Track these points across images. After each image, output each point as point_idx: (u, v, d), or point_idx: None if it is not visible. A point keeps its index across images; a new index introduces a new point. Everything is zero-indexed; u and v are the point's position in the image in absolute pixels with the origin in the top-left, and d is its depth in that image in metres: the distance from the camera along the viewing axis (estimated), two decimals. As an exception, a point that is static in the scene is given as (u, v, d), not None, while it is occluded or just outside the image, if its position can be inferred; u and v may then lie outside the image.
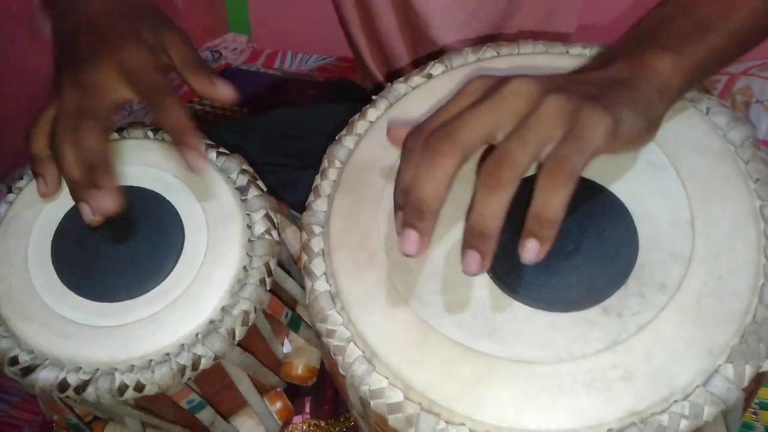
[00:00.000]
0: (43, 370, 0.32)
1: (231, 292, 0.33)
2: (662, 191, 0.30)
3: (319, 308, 0.31)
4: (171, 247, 0.34)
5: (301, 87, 1.07)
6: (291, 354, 0.41)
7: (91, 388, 0.31)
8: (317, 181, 0.35)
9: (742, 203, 0.29)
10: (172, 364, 0.31)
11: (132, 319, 0.33)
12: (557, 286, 0.28)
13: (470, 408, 0.26)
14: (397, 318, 0.29)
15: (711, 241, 0.29)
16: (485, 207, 0.25)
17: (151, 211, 0.36)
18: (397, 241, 0.27)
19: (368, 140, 0.36)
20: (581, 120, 0.25)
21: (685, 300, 0.27)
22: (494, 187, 0.25)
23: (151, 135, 0.39)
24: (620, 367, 0.26)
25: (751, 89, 0.78)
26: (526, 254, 0.26)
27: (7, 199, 0.38)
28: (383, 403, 0.28)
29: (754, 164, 0.30)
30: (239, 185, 0.37)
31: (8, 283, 0.34)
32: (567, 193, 0.25)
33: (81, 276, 0.34)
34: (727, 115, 0.32)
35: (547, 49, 0.37)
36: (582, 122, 0.25)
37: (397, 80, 0.38)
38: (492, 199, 0.25)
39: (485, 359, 0.27)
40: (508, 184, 0.25)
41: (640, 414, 0.25)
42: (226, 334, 0.32)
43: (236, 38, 1.25)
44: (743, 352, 0.26)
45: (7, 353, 0.33)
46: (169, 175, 0.37)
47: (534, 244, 0.26)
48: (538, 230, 0.25)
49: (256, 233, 0.35)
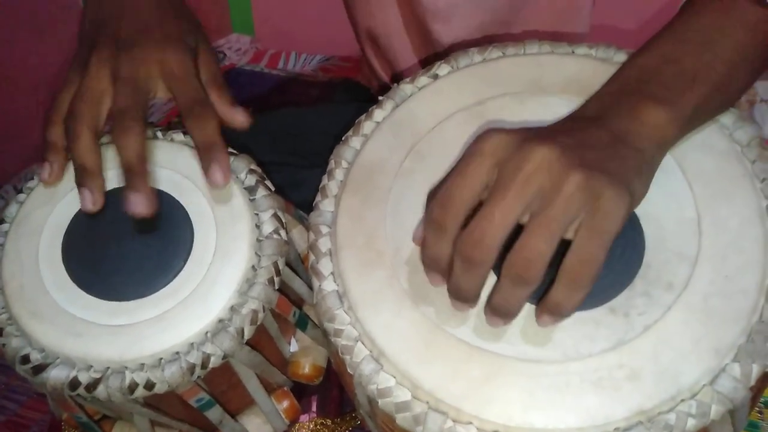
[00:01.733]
0: (54, 369, 0.32)
1: (240, 291, 0.33)
2: (668, 191, 0.30)
3: (326, 308, 0.31)
4: (180, 246, 0.35)
5: (305, 87, 1.07)
6: (298, 353, 0.41)
7: (101, 387, 0.32)
8: (324, 182, 0.35)
9: (749, 203, 0.29)
10: (181, 363, 0.32)
11: (142, 318, 0.33)
12: None
13: (478, 407, 0.27)
14: (404, 317, 0.29)
15: (717, 240, 0.29)
16: (512, 296, 0.26)
17: (161, 210, 0.36)
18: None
19: (375, 141, 0.36)
20: (603, 207, 0.25)
21: (691, 299, 0.28)
22: (523, 284, 0.26)
23: (159, 135, 0.39)
24: (627, 366, 0.27)
25: (755, 89, 0.78)
26: (544, 324, 0.28)
27: (18, 200, 0.38)
28: (391, 402, 0.28)
29: (761, 164, 0.30)
30: (248, 185, 0.37)
31: (19, 282, 0.35)
32: (588, 290, 0.26)
33: (91, 275, 0.34)
34: (734, 114, 0.32)
35: (552, 49, 0.37)
36: (604, 210, 0.25)
37: (403, 81, 0.38)
38: (517, 291, 0.26)
39: (492, 358, 0.28)
40: (535, 281, 0.26)
41: (647, 413, 0.26)
42: (235, 333, 0.33)
43: (240, 39, 1.25)
44: (750, 352, 0.26)
45: (18, 352, 0.33)
46: (178, 174, 0.37)
47: (550, 319, 0.27)
48: (555, 311, 0.27)
49: (265, 233, 0.35)
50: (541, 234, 0.25)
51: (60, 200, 0.37)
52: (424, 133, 0.35)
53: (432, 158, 0.34)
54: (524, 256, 0.25)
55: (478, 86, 0.36)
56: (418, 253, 0.31)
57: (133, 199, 0.33)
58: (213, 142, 0.34)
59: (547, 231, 0.25)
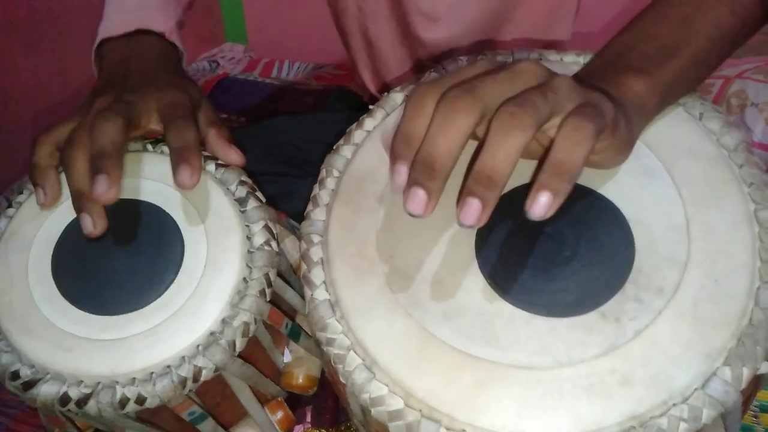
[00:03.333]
0: (45, 384, 0.32)
1: (231, 303, 0.33)
2: (657, 196, 0.31)
3: (318, 317, 0.31)
4: (171, 259, 0.35)
5: (298, 96, 1.07)
6: (291, 363, 0.41)
7: (92, 402, 0.31)
8: (315, 191, 0.35)
9: (737, 207, 0.30)
10: (173, 376, 0.32)
11: (133, 332, 0.33)
12: (555, 292, 0.29)
13: (471, 414, 0.27)
14: (396, 325, 0.29)
15: (707, 245, 0.29)
16: (499, 149, 0.23)
17: (151, 223, 0.36)
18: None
19: (366, 149, 0.36)
20: (593, 99, 0.26)
21: (682, 304, 0.28)
22: (514, 128, 0.23)
23: (150, 147, 0.39)
24: (619, 371, 0.26)
25: (746, 92, 0.79)
26: (536, 209, 0.24)
27: (7, 214, 0.38)
28: (384, 410, 0.28)
29: (748, 168, 0.31)
30: (238, 197, 0.37)
31: (9, 297, 0.34)
32: (589, 148, 0.24)
33: (81, 290, 0.34)
34: (721, 120, 0.33)
35: (541, 57, 0.38)
36: (594, 101, 0.26)
37: (393, 89, 0.38)
38: (508, 141, 0.23)
39: (485, 365, 0.28)
40: (528, 128, 0.23)
41: (640, 418, 0.26)
42: (226, 346, 0.32)
43: (233, 48, 1.25)
44: (740, 355, 0.26)
45: (8, 368, 0.33)
46: (168, 187, 0.37)
47: (547, 197, 0.23)
48: (554, 182, 0.24)
49: (256, 244, 0.35)
50: (534, 91, 0.25)
51: (49, 215, 0.37)
52: (414, 141, 0.35)
53: (422, 166, 0.34)
54: (517, 101, 0.24)
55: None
56: (410, 262, 0.31)
57: (99, 180, 0.32)
58: (187, 145, 0.34)
59: (541, 93, 0.24)
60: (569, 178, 0.24)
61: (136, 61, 0.40)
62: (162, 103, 0.37)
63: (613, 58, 0.32)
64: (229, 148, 0.38)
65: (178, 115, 0.36)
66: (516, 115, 0.24)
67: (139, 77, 0.39)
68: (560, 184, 0.24)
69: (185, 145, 0.34)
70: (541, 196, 0.24)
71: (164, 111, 0.37)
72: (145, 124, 0.37)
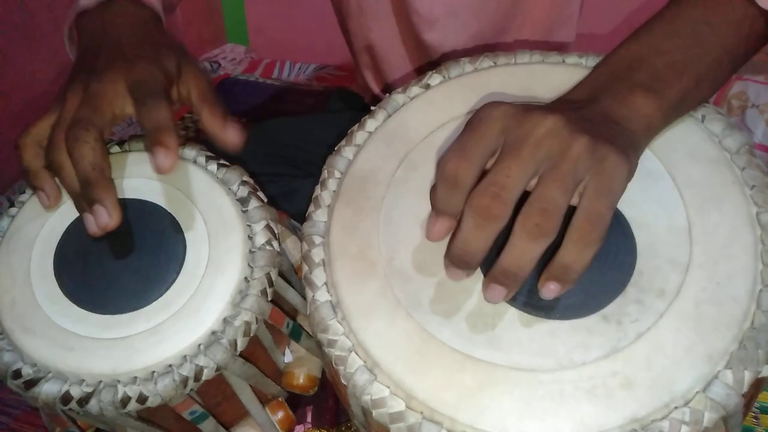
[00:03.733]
0: (46, 383, 0.32)
1: (232, 303, 0.33)
2: (659, 199, 0.31)
3: (320, 318, 0.31)
4: (172, 258, 0.35)
5: (299, 96, 1.07)
6: (292, 363, 0.41)
7: (94, 401, 0.31)
8: (317, 192, 0.35)
9: (739, 210, 0.30)
10: (174, 376, 0.32)
11: (134, 331, 0.33)
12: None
13: (472, 416, 0.27)
14: (398, 327, 0.29)
15: (708, 247, 0.29)
16: (525, 253, 0.26)
17: (153, 223, 0.36)
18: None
19: (367, 150, 0.36)
20: (608, 169, 0.26)
21: (683, 306, 0.28)
22: (539, 237, 0.25)
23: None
24: (620, 374, 0.27)
25: (747, 93, 0.79)
26: (547, 293, 0.27)
27: (9, 213, 0.38)
28: (385, 412, 0.28)
29: (750, 171, 0.31)
30: (240, 196, 0.37)
31: (11, 296, 0.34)
32: (597, 249, 0.26)
33: (83, 289, 0.34)
34: (723, 122, 0.33)
35: (543, 59, 0.38)
36: (609, 172, 0.26)
37: (395, 90, 0.38)
38: (534, 247, 0.26)
39: (486, 367, 0.28)
40: (552, 233, 0.25)
41: (641, 420, 0.26)
42: (228, 345, 0.32)
43: (234, 48, 1.26)
44: (742, 358, 0.26)
45: (10, 366, 0.33)
46: (170, 187, 0.37)
47: (556, 286, 0.27)
48: (562, 276, 0.26)
49: (257, 244, 0.35)
50: (555, 185, 0.26)
51: (52, 214, 0.37)
52: (416, 142, 0.35)
53: (424, 167, 0.34)
54: (541, 206, 0.25)
55: (470, 96, 0.36)
56: (411, 263, 0.31)
57: (97, 211, 0.32)
58: (161, 126, 0.33)
59: (561, 183, 0.26)
60: (576, 276, 0.26)
61: (109, 33, 0.38)
62: (131, 80, 0.35)
63: (623, 71, 0.31)
64: (225, 127, 0.35)
65: (147, 93, 0.34)
66: (542, 226, 0.25)
67: (111, 52, 0.36)
68: (568, 278, 0.26)
69: (157, 126, 0.33)
70: (551, 284, 0.27)
71: (134, 89, 0.35)
72: (119, 113, 0.35)
